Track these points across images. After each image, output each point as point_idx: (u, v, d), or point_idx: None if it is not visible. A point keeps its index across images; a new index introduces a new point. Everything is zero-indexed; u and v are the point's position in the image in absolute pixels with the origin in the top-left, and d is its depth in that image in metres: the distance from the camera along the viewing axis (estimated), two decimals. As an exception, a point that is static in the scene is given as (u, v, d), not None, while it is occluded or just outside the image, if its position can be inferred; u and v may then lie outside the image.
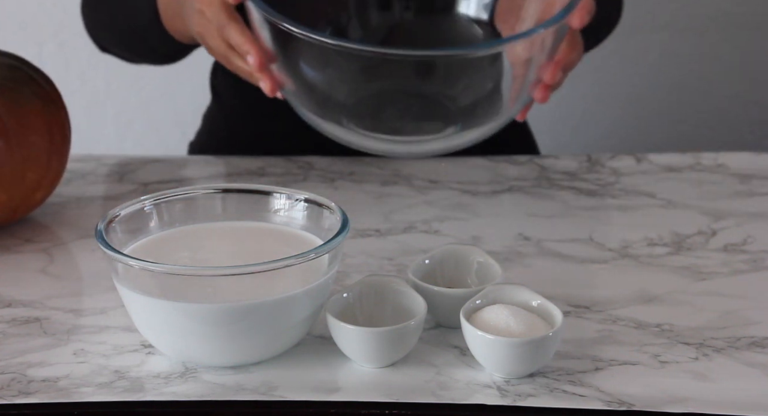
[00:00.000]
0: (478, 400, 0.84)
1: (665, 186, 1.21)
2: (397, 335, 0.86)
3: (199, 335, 0.85)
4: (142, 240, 0.93)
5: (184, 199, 0.96)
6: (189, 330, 0.85)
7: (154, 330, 0.88)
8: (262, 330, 0.86)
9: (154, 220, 0.94)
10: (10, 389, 0.86)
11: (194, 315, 0.84)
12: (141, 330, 0.89)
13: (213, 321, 0.85)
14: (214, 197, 0.96)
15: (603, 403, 0.83)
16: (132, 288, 0.86)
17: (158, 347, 0.89)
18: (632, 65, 1.97)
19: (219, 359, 0.87)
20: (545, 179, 1.23)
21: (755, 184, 1.21)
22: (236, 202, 0.96)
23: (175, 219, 0.95)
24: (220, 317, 0.84)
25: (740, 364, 0.88)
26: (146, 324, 0.88)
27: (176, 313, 0.85)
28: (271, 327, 0.86)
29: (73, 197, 1.20)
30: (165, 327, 0.86)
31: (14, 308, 0.98)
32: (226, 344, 0.86)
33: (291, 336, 0.88)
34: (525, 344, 0.84)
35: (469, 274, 0.96)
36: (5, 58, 1.13)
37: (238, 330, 0.85)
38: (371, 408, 0.83)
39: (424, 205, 1.17)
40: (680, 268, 1.03)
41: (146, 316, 0.87)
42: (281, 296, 0.85)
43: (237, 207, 0.96)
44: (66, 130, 1.13)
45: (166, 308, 0.85)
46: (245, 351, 0.87)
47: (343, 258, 1.05)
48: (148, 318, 0.87)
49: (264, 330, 0.86)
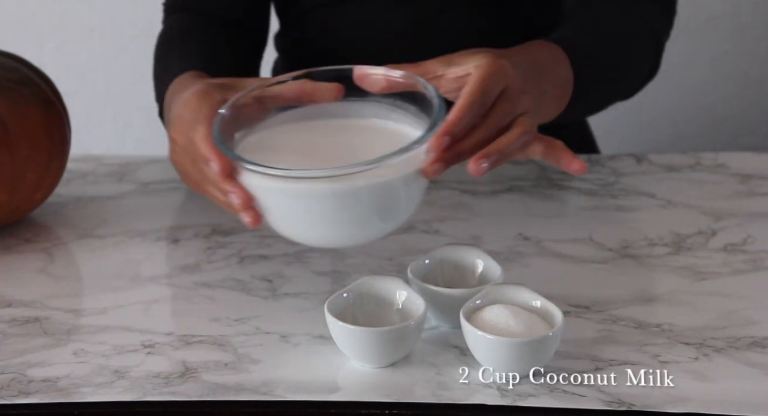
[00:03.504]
0: (478, 400, 0.84)
1: (665, 186, 1.21)
2: (397, 335, 0.86)
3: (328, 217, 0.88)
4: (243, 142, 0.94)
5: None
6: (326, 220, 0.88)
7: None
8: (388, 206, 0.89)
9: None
10: (10, 389, 0.86)
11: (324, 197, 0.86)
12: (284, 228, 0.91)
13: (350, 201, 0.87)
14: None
15: (603, 403, 0.83)
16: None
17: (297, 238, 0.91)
18: (632, 65, 1.97)
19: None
20: (545, 179, 1.23)
21: (755, 184, 1.21)
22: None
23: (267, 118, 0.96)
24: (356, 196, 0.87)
25: (740, 364, 0.88)
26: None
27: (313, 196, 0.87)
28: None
29: (73, 197, 1.20)
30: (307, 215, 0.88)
31: (14, 308, 0.98)
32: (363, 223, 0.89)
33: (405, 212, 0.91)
34: (525, 344, 0.84)
35: (469, 274, 0.96)
36: (5, 58, 1.13)
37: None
38: (371, 408, 0.83)
39: (424, 204, 1.16)
40: (680, 268, 1.03)
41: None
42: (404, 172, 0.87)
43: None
44: (66, 130, 1.13)
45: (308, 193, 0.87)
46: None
47: (343, 257, 1.06)
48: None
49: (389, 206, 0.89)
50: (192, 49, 1.18)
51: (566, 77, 1.04)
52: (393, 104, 0.95)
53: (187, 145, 0.94)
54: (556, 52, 1.04)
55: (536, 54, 1.02)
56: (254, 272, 1.03)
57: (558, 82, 1.03)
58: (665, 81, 2.09)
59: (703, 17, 2.06)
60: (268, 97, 0.95)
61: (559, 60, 1.04)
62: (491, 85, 0.90)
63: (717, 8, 2.06)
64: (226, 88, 0.97)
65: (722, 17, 2.07)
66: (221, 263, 1.06)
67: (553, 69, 1.03)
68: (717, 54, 2.09)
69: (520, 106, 0.91)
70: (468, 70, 0.92)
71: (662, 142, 2.15)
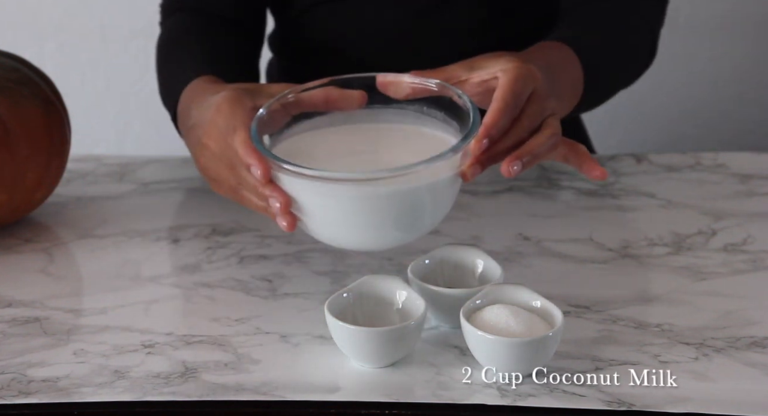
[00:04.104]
0: (478, 400, 0.84)
1: (665, 186, 1.21)
2: (397, 335, 0.86)
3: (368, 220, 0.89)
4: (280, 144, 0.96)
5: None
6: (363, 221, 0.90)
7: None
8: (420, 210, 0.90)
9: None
10: (10, 389, 0.86)
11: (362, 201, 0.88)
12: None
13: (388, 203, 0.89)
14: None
15: (603, 403, 0.83)
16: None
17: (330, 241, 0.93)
18: (632, 65, 1.97)
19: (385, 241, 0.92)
20: (545, 179, 1.23)
21: (755, 184, 1.21)
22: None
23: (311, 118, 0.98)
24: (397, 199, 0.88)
25: (740, 364, 0.88)
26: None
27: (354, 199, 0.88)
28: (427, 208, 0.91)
29: (73, 197, 1.20)
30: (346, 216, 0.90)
31: (14, 308, 0.98)
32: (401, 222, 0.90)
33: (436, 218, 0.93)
34: (525, 344, 0.84)
35: (469, 274, 0.96)
36: (5, 58, 1.13)
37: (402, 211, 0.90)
38: (371, 408, 0.83)
39: (424, 204, 1.17)
40: (680, 268, 1.03)
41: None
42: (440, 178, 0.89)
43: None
44: (66, 130, 1.13)
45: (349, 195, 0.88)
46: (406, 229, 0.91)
47: (343, 257, 1.06)
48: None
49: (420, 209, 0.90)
50: (198, 51, 1.17)
51: (578, 77, 1.07)
52: (420, 111, 0.97)
53: (224, 150, 0.94)
54: (567, 53, 1.07)
55: (550, 56, 1.04)
56: (254, 272, 1.03)
57: (571, 82, 1.06)
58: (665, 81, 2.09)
59: (703, 17, 2.06)
60: (293, 103, 0.97)
61: (571, 60, 1.06)
62: (522, 88, 0.92)
63: (717, 8, 2.06)
64: (254, 94, 0.98)
65: (722, 17, 2.07)
66: (221, 263, 1.06)
67: (566, 70, 1.05)
68: (717, 54, 2.09)
69: (548, 107, 0.94)
70: (493, 74, 0.94)
71: (662, 142, 2.15)
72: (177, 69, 1.13)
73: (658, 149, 2.11)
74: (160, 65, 1.20)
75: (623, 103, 1.24)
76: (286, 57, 1.40)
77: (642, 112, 2.12)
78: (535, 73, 0.94)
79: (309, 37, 1.34)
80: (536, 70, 0.94)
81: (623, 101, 1.22)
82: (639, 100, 1.99)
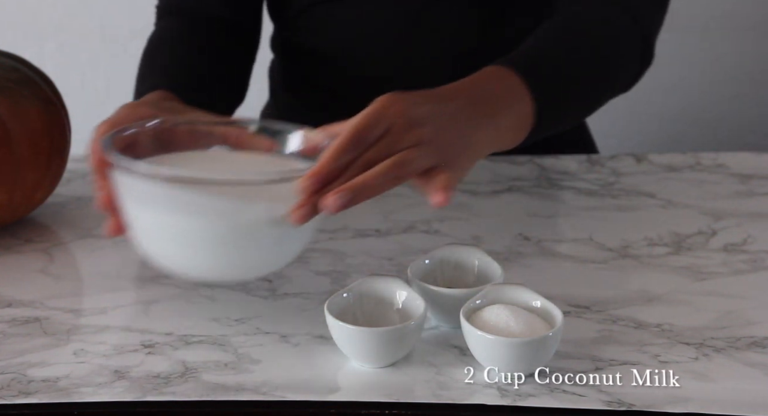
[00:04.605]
0: (478, 400, 0.84)
1: (665, 186, 1.21)
2: (397, 335, 0.86)
3: (210, 247, 0.87)
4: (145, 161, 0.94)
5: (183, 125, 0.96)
6: (196, 244, 0.87)
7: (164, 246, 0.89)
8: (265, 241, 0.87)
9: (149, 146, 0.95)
10: (10, 389, 0.86)
11: (199, 230, 0.86)
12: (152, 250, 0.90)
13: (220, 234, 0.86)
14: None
15: (603, 403, 0.83)
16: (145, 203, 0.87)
17: (165, 263, 0.90)
18: (632, 65, 1.97)
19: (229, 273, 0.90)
20: (545, 179, 1.23)
21: (755, 184, 1.21)
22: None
23: (176, 145, 0.96)
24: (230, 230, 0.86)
25: (740, 364, 0.88)
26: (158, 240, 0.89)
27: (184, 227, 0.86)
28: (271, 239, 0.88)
29: (73, 197, 1.20)
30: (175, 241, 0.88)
31: (14, 308, 0.98)
32: (238, 256, 0.88)
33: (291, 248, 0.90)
34: (525, 344, 0.84)
35: (469, 274, 0.96)
36: (5, 58, 1.13)
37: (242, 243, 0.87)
38: (371, 408, 0.83)
39: (424, 204, 1.17)
40: (680, 268, 1.03)
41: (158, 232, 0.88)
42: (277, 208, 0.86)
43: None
44: (66, 130, 1.13)
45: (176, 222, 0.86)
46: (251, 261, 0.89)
47: (343, 257, 1.06)
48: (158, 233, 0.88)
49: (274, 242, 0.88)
50: (168, 64, 1.19)
51: (523, 107, 0.99)
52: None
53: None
54: (512, 81, 0.99)
55: (485, 86, 0.98)
56: (254, 272, 1.03)
57: (513, 112, 0.98)
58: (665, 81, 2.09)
59: (703, 17, 2.07)
60: (203, 132, 0.96)
61: (515, 89, 0.99)
62: (367, 126, 0.87)
63: (717, 8, 2.06)
64: (166, 110, 0.99)
65: (722, 17, 2.07)
66: (221, 263, 1.06)
67: (506, 100, 0.98)
68: (717, 54, 2.09)
69: (404, 141, 0.88)
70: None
71: (662, 142, 2.15)
72: (140, 80, 1.17)
73: (658, 149, 2.11)
74: (138, 70, 1.22)
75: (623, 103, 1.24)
76: (286, 58, 1.40)
77: (642, 112, 2.12)
78: (393, 108, 0.88)
79: (307, 38, 1.34)
80: (401, 103, 0.89)
81: (623, 101, 1.22)
82: (639, 100, 1.99)
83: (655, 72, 1.75)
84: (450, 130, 0.91)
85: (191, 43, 1.24)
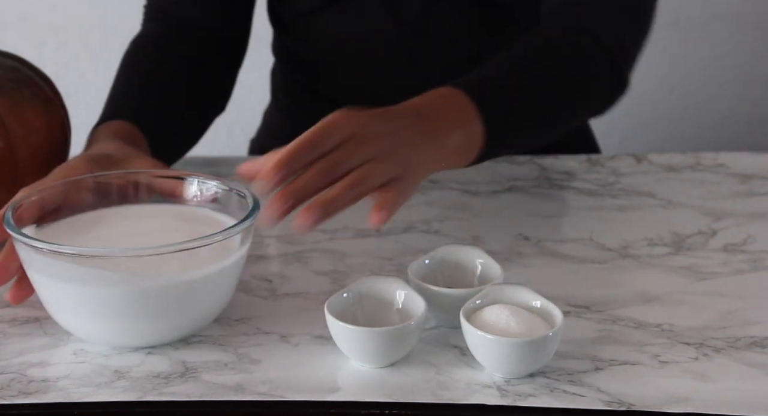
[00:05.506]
0: (478, 400, 0.84)
1: (665, 186, 1.21)
2: (397, 335, 0.86)
3: (109, 316, 0.87)
4: (50, 225, 0.96)
5: (96, 184, 0.98)
6: (98, 312, 0.87)
7: (69, 315, 0.89)
8: (173, 310, 0.88)
9: (65, 204, 0.97)
10: (10, 389, 0.86)
11: (101, 297, 0.86)
12: (57, 317, 0.91)
13: (122, 302, 0.86)
14: (127, 182, 0.99)
15: (603, 403, 0.83)
16: (48, 274, 0.87)
17: (75, 332, 0.91)
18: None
19: (131, 340, 0.90)
20: (545, 179, 1.23)
21: (755, 184, 1.21)
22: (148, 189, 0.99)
23: (86, 204, 0.98)
24: (131, 298, 0.86)
25: (740, 364, 0.88)
26: (63, 309, 0.90)
27: (88, 296, 0.87)
28: (182, 307, 0.88)
29: (73, 197, 1.20)
30: (79, 310, 0.88)
31: (14, 308, 0.98)
32: (140, 324, 0.88)
33: (204, 316, 0.91)
34: (525, 344, 0.84)
35: (469, 274, 0.96)
36: (5, 58, 1.13)
37: (148, 310, 0.87)
38: (371, 408, 0.83)
39: (424, 204, 1.17)
40: (680, 268, 1.03)
41: (62, 302, 0.89)
42: (195, 275, 0.87)
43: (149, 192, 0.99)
44: (66, 130, 1.13)
45: (77, 292, 0.87)
46: (156, 331, 0.89)
47: (343, 257, 1.06)
48: (62, 303, 0.89)
49: (175, 309, 0.88)
50: (139, 83, 1.20)
51: (472, 128, 0.99)
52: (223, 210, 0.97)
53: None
54: (461, 101, 0.99)
55: (433, 105, 0.98)
56: (254, 272, 1.03)
57: (461, 132, 0.98)
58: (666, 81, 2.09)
59: (703, 17, 2.07)
60: (131, 182, 0.99)
61: (464, 110, 0.99)
62: (322, 134, 0.89)
63: (717, 8, 2.07)
64: (104, 162, 1.01)
65: (722, 17, 2.07)
66: (221, 263, 1.05)
67: (454, 120, 0.98)
68: (717, 54, 2.09)
69: (357, 155, 0.89)
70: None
71: (662, 142, 2.15)
72: (111, 95, 1.21)
73: (658, 149, 2.11)
74: (115, 75, 1.24)
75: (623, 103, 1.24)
76: (285, 63, 1.40)
77: (642, 112, 2.12)
78: (349, 120, 0.90)
79: (305, 45, 1.34)
80: (356, 117, 0.91)
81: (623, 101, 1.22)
82: (639, 100, 1.99)
83: (655, 72, 1.75)
84: (401, 147, 0.92)
85: (170, 55, 1.24)
